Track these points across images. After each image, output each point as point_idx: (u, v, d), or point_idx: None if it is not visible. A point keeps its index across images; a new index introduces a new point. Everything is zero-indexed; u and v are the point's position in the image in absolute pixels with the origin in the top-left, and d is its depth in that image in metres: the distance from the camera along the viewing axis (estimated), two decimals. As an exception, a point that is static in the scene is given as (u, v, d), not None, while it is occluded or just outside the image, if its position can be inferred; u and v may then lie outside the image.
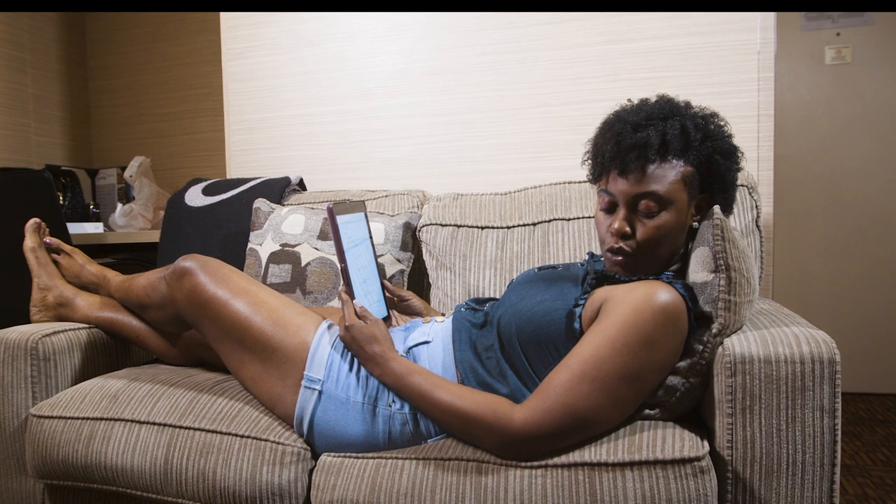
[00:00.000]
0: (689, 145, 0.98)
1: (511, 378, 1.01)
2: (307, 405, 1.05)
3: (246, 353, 1.10)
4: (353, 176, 1.88)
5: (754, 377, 0.87)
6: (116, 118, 2.98)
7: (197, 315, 1.14)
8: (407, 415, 1.03)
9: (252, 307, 1.10)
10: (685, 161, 0.99)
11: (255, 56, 1.97)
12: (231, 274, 1.15)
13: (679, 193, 0.99)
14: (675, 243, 1.02)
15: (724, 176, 1.01)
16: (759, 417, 0.87)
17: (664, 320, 0.90)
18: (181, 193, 1.79)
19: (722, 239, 0.92)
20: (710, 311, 0.92)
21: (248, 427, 1.08)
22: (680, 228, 1.01)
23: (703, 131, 1.00)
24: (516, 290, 1.07)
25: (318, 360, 1.06)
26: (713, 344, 0.92)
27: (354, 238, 1.13)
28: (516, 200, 1.52)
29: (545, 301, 1.01)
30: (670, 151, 0.98)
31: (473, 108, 1.77)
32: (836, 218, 2.82)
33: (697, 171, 1.00)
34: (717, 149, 1.00)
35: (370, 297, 1.15)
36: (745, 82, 1.54)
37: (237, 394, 1.17)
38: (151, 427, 1.12)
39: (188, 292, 1.14)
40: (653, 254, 1.01)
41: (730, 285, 0.91)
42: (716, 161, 1.00)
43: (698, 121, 1.01)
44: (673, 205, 0.99)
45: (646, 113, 1.02)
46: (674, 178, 0.98)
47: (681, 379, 0.94)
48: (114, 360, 1.43)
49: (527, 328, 1.00)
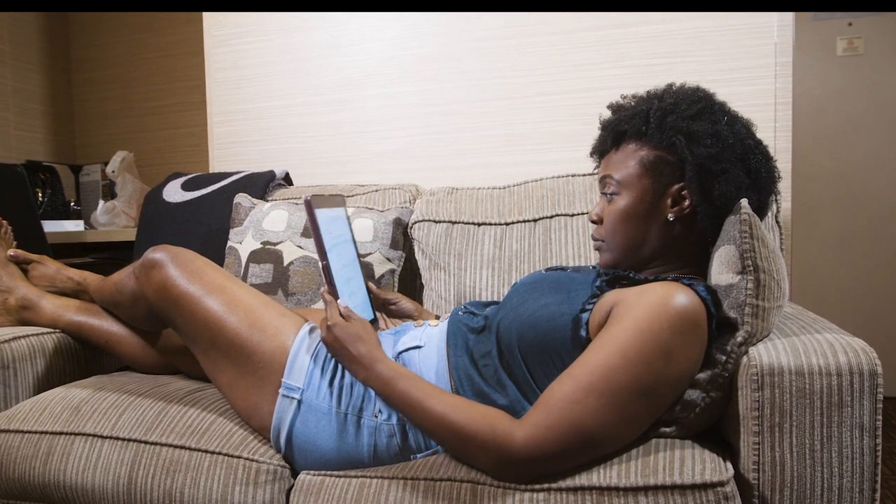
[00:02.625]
0: (645, 126, 0.95)
1: (510, 388, 0.92)
2: (285, 416, 0.97)
3: (220, 357, 1.02)
4: (343, 170, 1.81)
5: (784, 391, 0.79)
6: (101, 112, 2.90)
7: (168, 312, 1.06)
8: (394, 426, 0.94)
9: (227, 306, 1.02)
10: (643, 143, 0.96)
11: (240, 43, 1.89)
12: (205, 267, 1.07)
13: (638, 179, 0.95)
14: (637, 233, 0.96)
15: (690, 160, 0.91)
16: (790, 436, 0.79)
17: (682, 327, 0.81)
18: (159, 189, 1.70)
19: (750, 236, 0.83)
20: (736, 317, 0.83)
21: (219, 442, 1.00)
22: (642, 217, 0.95)
23: (667, 110, 0.94)
24: (519, 293, 0.98)
25: (297, 367, 0.98)
26: (737, 354, 0.83)
27: (336, 234, 1.05)
28: (516, 195, 1.44)
29: (550, 305, 0.91)
30: (628, 134, 0.97)
31: (469, 98, 1.69)
32: (847, 213, 2.76)
33: (666, 154, 0.94)
34: (680, 128, 0.92)
35: (355, 297, 1.06)
36: (760, 68, 1.45)
37: (210, 405, 1.09)
38: (115, 442, 1.04)
39: (157, 286, 1.05)
40: (613, 241, 0.97)
41: (758, 288, 0.82)
42: (678, 143, 0.92)
43: (668, 100, 0.96)
44: (629, 189, 0.95)
45: (627, 101, 1.02)
46: (634, 163, 0.96)
47: (700, 393, 0.85)
48: (81, 368, 1.35)
49: (528, 334, 0.90)
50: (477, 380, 0.94)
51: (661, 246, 0.97)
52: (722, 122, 0.93)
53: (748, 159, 0.93)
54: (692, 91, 0.98)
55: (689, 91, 0.98)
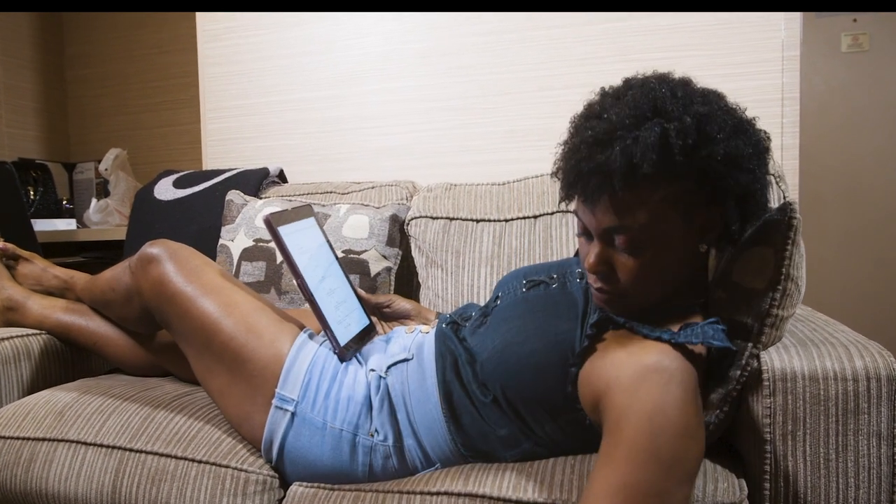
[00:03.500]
0: (670, 160, 0.73)
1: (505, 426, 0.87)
2: (277, 428, 0.92)
3: (213, 361, 0.97)
4: (339, 167, 1.77)
5: (797, 397, 0.75)
6: (95, 109, 2.86)
7: (163, 310, 1.02)
8: (390, 447, 0.90)
9: (223, 308, 0.97)
10: (669, 178, 0.75)
11: (234, 37, 1.85)
12: (204, 267, 1.03)
13: (667, 221, 0.76)
14: (675, 276, 0.81)
15: (732, 188, 0.76)
16: (804, 445, 0.75)
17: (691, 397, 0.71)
18: (150, 186, 1.67)
19: (792, 244, 0.77)
20: (753, 325, 0.78)
21: (207, 450, 0.96)
22: (678, 260, 0.79)
23: (693, 136, 0.73)
24: (499, 327, 0.90)
25: (293, 377, 0.94)
26: (752, 366, 0.78)
27: (307, 246, 1.01)
28: (515, 191, 1.41)
29: (535, 353, 0.83)
30: (642, 174, 0.73)
31: (469, 93, 1.65)
32: (853, 211, 2.72)
33: (693, 183, 0.76)
34: (716, 155, 0.74)
35: (343, 308, 1.03)
36: (767, 62, 1.42)
37: (198, 410, 1.05)
38: (98, 449, 1.00)
39: (154, 282, 1.01)
40: (641, 297, 0.80)
41: (783, 298, 0.77)
42: (714, 171, 0.74)
43: (687, 121, 0.74)
44: (659, 238, 0.76)
45: (615, 117, 0.76)
46: (655, 204, 0.75)
47: (713, 412, 0.80)
48: (68, 371, 1.31)
49: (514, 386, 0.85)
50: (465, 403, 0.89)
51: (683, 279, 0.83)
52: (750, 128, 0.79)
53: (768, 164, 0.81)
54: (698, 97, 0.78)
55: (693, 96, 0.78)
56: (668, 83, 0.79)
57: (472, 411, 0.89)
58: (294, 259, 0.95)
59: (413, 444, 0.90)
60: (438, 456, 0.90)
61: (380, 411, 0.92)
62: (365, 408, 0.92)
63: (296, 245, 0.97)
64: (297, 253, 0.96)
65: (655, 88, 0.77)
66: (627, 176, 0.73)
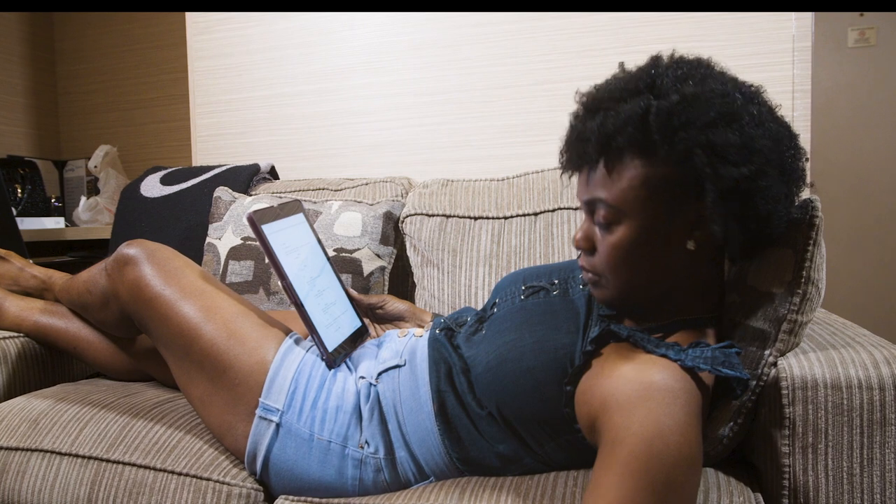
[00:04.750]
0: (648, 138, 0.70)
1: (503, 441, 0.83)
2: (261, 439, 0.87)
3: (193, 369, 0.92)
4: (332, 163, 1.72)
5: (819, 407, 0.70)
6: (86, 105, 2.80)
7: (140, 314, 0.97)
8: (381, 460, 0.85)
9: (204, 312, 0.92)
10: (646, 158, 0.71)
11: (223, 30, 1.80)
12: (184, 268, 0.98)
13: (643, 204, 0.72)
14: (645, 270, 0.75)
15: (714, 181, 0.69)
16: (825, 458, 0.70)
17: (693, 420, 0.66)
18: (136, 183, 1.62)
19: (814, 244, 0.72)
20: (770, 332, 0.73)
21: (187, 462, 0.91)
22: (652, 251, 0.74)
23: (676, 117, 0.69)
24: (494, 339, 0.85)
25: (277, 386, 0.89)
26: (768, 374, 0.73)
27: (293, 245, 0.95)
28: (515, 187, 1.36)
29: (534, 371, 0.78)
30: (616, 147, 0.72)
31: (466, 86, 1.61)
32: (860, 208, 2.69)
33: (674, 170, 0.71)
34: (697, 141, 0.68)
35: (333, 310, 0.97)
36: (777, 53, 1.37)
37: (179, 419, 1.00)
38: (74, 460, 0.96)
39: (130, 285, 0.96)
40: (614, 279, 0.76)
41: (802, 303, 0.72)
42: (697, 159, 0.68)
43: (673, 99, 0.69)
44: (631, 217, 0.73)
45: (611, 87, 0.74)
46: (629, 181, 0.72)
47: (730, 424, 0.75)
48: (47, 375, 1.26)
49: (511, 404, 0.80)
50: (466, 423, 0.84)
51: (675, 282, 0.77)
52: (751, 119, 0.70)
53: (784, 162, 0.71)
54: (697, 78, 0.72)
55: (693, 76, 0.72)
56: (682, 61, 0.76)
57: (468, 424, 0.84)
58: (279, 259, 0.90)
59: (405, 456, 0.85)
60: (433, 469, 0.85)
61: (370, 421, 0.87)
62: (354, 418, 0.87)
63: (281, 244, 0.92)
64: (282, 253, 0.91)
65: (661, 64, 0.75)
66: (603, 146, 0.73)
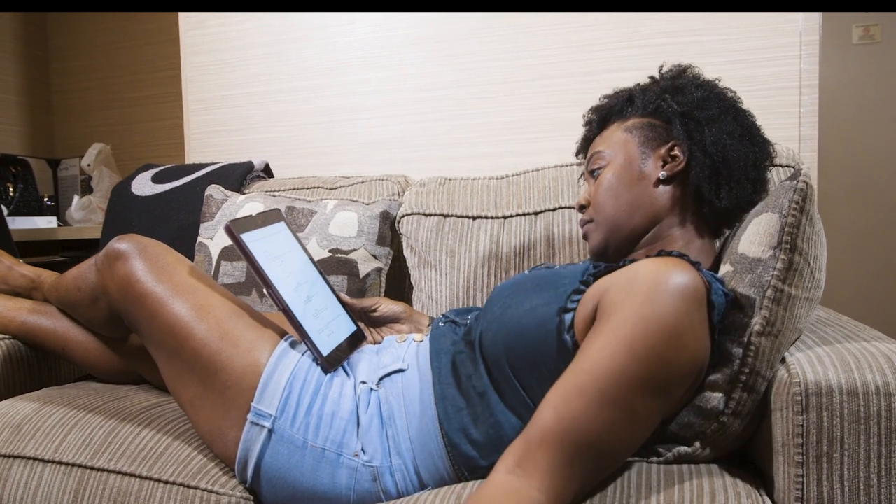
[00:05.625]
0: (630, 101, 0.97)
1: (503, 414, 0.80)
2: (253, 445, 0.84)
3: (184, 370, 0.89)
4: (327, 161, 1.69)
5: (834, 414, 0.67)
6: (81, 103, 2.78)
7: (130, 311, 0.93)
8: (377, 469, 0.82)
9: (195, 311, 0.89)
10: (627, 116, 0.96)
11: (217, 25, 1.77)
12: (176, 265, 0.95)
13: (624, 145, 0.93)
14: (627, 199, 0.91)
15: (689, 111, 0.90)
16: (842, 468, 0.67)
17: (686, 305, 0.69)
18: (127, 181, 1.59)
19: (800, 210, 0.72)
20: (754, 298, 0.72)
21: (174, 470, 0.88)
22: (632, 180, 0.91)
23: (658, 83, 0.97)
24: (500, 299, 0.86)
25: (271, 390, 0.85)
26: (757, 346, 0.71)
27: (276, 253, 0.93)
28: (514, 185, 1.33)
29: (537, 308, 0.79)
30: (612, 114, 0.98)
31: (465, 82, 1.58)
32: (863, 206, 2.67)
33: (650, 119, 0.94)
34: (665, 88, 0.94)
35: (324, 315, 0.94)
36: (784, 47, 1.33)
37: (167, 424, 0.97)
38: (57, 467, 0.92)
39: (121, 281, 0.92)
40: (602, 214, 0.92)
41: (787, 271, 0.71)
42: (663, 103, 0.92)
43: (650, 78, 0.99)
44: (615, 156, 0.93)
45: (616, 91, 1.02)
46: (618, 132, 0.95)
47: (721, 396, 0.73)
48: (35, 378, 1.23)
49: (516, 346, 0.78)
50: (465, 415, 0.82)
51: (654, 212, 0.90)
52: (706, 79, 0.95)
53: (738, 111, 0.91)
54: (672, 66, 1.00)
55: (669, 67, 1.00)
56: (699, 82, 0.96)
57: (469, 412, 0.82)
58: (261, 266, 0.87)
59: (403, 464, 0.83)
60: (432, 475, 0.82)
61: (368, 429, 0.84)
62: (351, 425, 0.84)
63: (263, 251, 0.89)
64: (265, 260, 0.88)
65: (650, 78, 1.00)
66: (601, 117, 0.99)
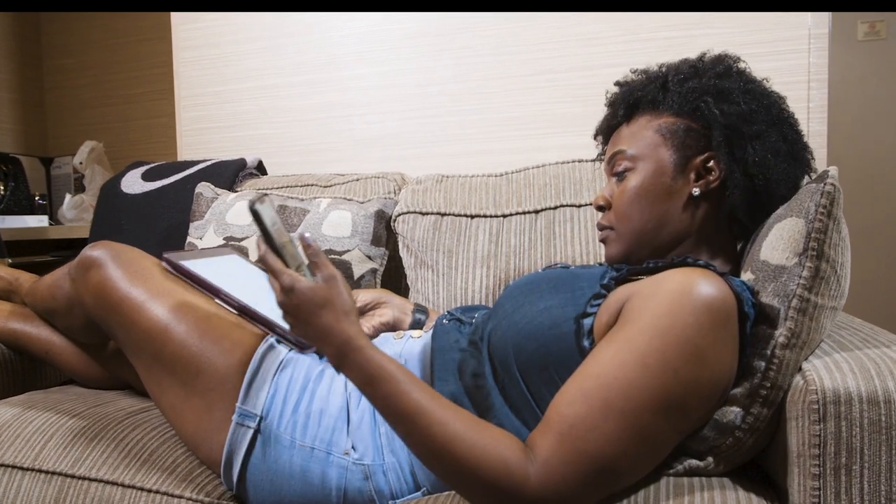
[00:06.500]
0: (664, 91, 0.84)
1: (507, 417, 0.76)
2: (238, 448, 0.81)
3: (164, 374, 0.87)
4: (322, 158, 1.66)
5: (853, 423, 0.63)
6: (74, 101, 2.74)
7: (107, 320, 0.91)
8: (369, 467, 0.79)
9: (175, 313, 0.87)
10: (660, 112, 0.84)
11: (210, 18, 1.74)
12: (153, 268, 0.93)
13: (655, 149, 0.82)
14: (654, 214, 0.82)
15: (717, 118, 0.79)
16: (861, 481, 0.63)
17: (711, 321, 0.66)
18: (117, 179, 1.56)
19: (827, 214, 0.68)
20: (778, 308, 0.68)
21: (158, 477, 0.85)
22: (661, 194, 0.82)
23: (694, 70, 0.84)
24: (513, 296, 0.82)
25: (255, 390, 0.83)
26: (780, 359, 0.67)
27: (227, 273, 0.90)
28: (514, 183, 1.29)
29: (551, 309, 0.75)
30: (642, 103, 0.86)
31: (463, 76, 1.55)
32: (867, 205, 2.64)
33: (687, 121, 0.82)
34: (706, 88, 0.81)
35: None
36: (793, 40, 1.30)
37: (151, 430, 0.94)
38: (36, 475, 0.90)
39: (95, 289, 0.91)
40: (624, 225, 0.83)
41: (814, 280, 0.67)
42: (703, 106, 0.80)
43: (688, 64, 0.86)
44: (644, 162, 0.83)
45: (649, 70, 0.90)
46: (647, 131, 0.84)
47: (738, 411, 0.69)
48: (17, 383, 1.20)
49: (527, 347, 0.74)
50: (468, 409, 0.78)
51: (682, 230, 0.82)
52: (754, 81, 0.83)
53: (783, 126, 0.81)
54: (714, 55, 0.87)
55: (711, 55, 0.87)
56: None
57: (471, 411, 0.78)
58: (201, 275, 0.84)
59: (396, 462, 0.79)
60: (428, 475, 0.79)
61: (359, 425, 0.81)
62: (340, 422, 0.81)
63: (208, 270, 0.87)
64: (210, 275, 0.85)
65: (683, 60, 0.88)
66: (628, 106, 0.86)
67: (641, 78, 0.88)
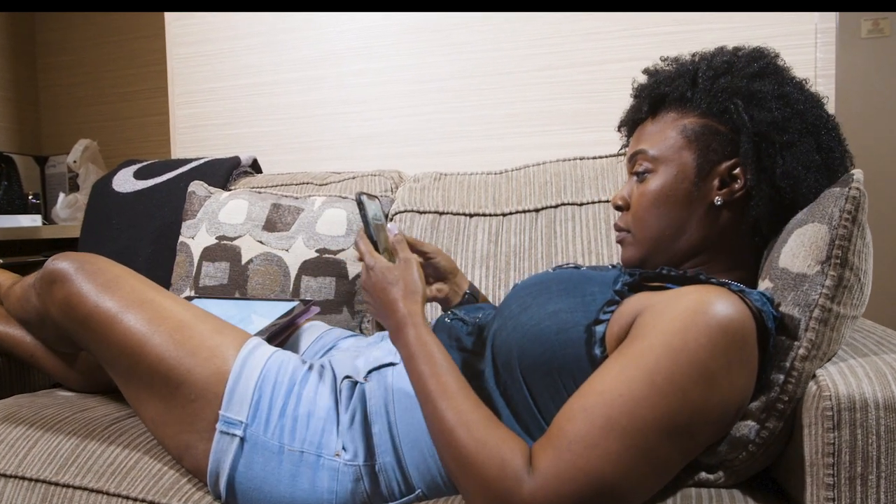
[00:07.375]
0: (693, 88, 0.80)
1: (508, 421, 0.74)
2: (224, 457, 0.78)
3: (143, 388, 0.84)
4: (318, 156, 1.65)
5: (869, 431, 0.61)
6: (69, 99, 2.73)
7: (78, 334, 0.88)
8: (360, 468, 0.76)
9: (150, 323, 0.83)
10: (687, 110, 0.80)
11: (205, 14, 1.72)
12: (124, 276, 0.89)
13: (678, 152, 0.79)
14: (673, 220, 0.79)
15: (746, 123, 0.75)
16: (878, 491, 0.61)
17: (725, 344, 0.62)
18: (108, 177, 1.54)
19: (852, 221, 0.65)
20: (799, 319, 0.65)
21: (144, 485, 0.82)
22: (681, 200, 0.79)
23: (725, 67, 0.79)
24: (520, 296, 0.79)
25: (239, 396, 0.80)
26: (800, 371, 0.65)
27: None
28: (514, 181, 1.28)
29: (560, 312, 0.73)
30: (669, 99, 0.81)
31: (461, 73, 1.53)
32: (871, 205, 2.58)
33: (717, 124, 0.78)
34: (737, 90, 0.76)
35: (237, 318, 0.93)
36: (799, 35, 1.29)
37: (137, 437, 0.91)
38: (20, 483, 0.88)
39: (61, 304, 0.87)
40: (642, 230, 0.81)
41: (837, 289, 0.64)
42: (733, 108, 0.76)
43: (721, 58, 0.80)
44: (666, 165, 0.79)
45: (681, 59, 0.85)
46: (670, 130, 0.80)
47: (754, 425, 0.66)
48: (4, 386, 1.18)
49: (532, 350, 0.72)
50: None
51: (701, 239, 0.79)
52: (791, 83, 0.77)
53: (820, 134, 0.76)
54: (751, 50, 0.82)
55: (748, 50, 0.82)
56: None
57: None
58: None
59: (390, 462, 0.77)
60: (423, 475, 0.77)
61: (350, 425, 0.79)
62: (329, 423, 0.79)
63: None
64: None
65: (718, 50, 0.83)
66: (653, 101, 0.82)
67: (671, 69, 0.84)
